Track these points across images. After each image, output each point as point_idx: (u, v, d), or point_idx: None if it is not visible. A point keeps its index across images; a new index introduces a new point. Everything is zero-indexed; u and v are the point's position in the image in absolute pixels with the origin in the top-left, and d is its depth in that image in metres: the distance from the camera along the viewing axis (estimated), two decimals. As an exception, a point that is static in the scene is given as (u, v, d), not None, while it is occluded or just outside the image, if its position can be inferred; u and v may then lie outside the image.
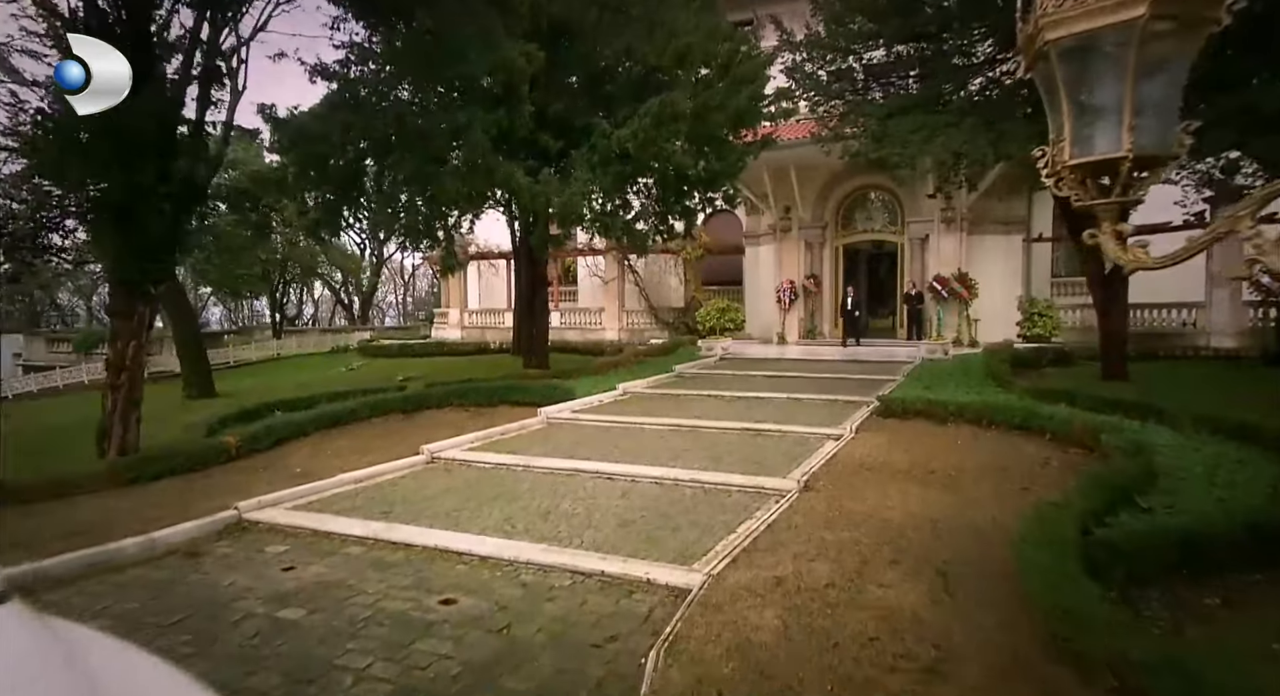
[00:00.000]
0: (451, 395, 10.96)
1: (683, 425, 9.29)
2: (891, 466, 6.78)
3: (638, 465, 7.34)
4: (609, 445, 8.40)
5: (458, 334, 26.56)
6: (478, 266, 27.34)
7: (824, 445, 8.01)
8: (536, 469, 7.44)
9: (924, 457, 7.06)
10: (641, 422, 9.54)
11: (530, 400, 10.85)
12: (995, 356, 12.60)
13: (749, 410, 10.23)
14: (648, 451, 8.00)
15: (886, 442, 7.73)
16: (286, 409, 10.26)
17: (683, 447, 8.16)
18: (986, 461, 6.87)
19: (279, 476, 7.06)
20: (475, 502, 6.24)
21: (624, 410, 10.53)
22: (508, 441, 8.80)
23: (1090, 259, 11.58)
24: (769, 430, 8.80)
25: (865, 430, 8.43)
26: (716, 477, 6.75)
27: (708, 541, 5.10)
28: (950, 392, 9.91)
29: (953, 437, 7.87)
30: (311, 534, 5.54)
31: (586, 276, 26.17)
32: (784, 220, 21.31)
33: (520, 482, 6.93)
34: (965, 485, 6.12)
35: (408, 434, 9.13)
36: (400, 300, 61.84)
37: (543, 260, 14.61)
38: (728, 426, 9.07)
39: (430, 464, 7.78)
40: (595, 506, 6.06)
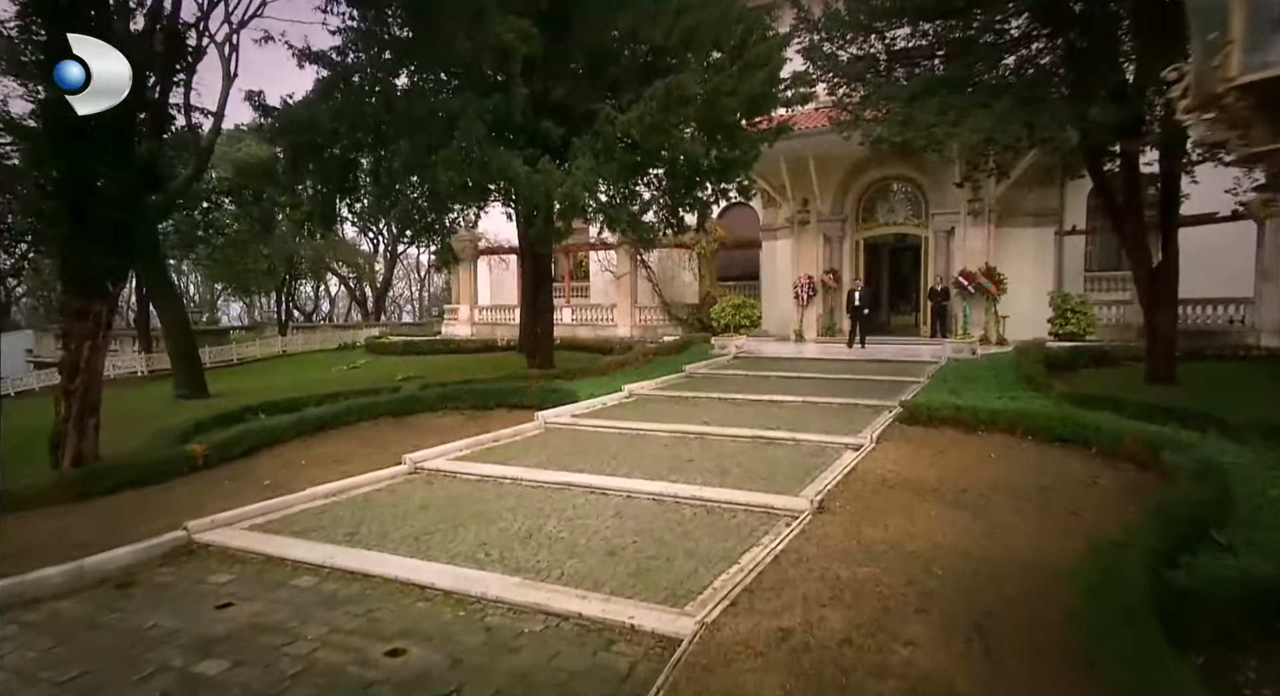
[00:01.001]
0: (446, 397, 10.38)
1: (689, 432, 8.61)
2: (917, 483, 6.06)
3: (636, 479, 6.69)
4: (607, 455, 7.75)
5: (468, 330, 26.06)
6: (488, 261, 26.82)
7: (842, 456, 7.29)
8: (525, 482, 6.81)
9: (953, 473, 6.33)
10: (645, 429, 8.88)
11: (528, 403, 10.25)
12: (1028, 356, 11.75)
13: (761, 415, 9.53)
14: (649, 462, 7.35)
15: (911, 455, 7.00)
16: (273, 411, 9.75)
17: (687, 458, 7.49)
18: (1025, 479, 6.12)
19: (245, 489, 6.50)
20: (451, 522, 5.63)
21: (627, 414, 9.88)
22: (499, 449, 8.18)
23: (1135, 251, 10.69)
24: (782, 438, 8.10)
25: (887, 439, 7.69)
26: (721, 495, 6.07)
27: (705, 575, 4.44)
28: (980, 397, 9.13)
29: (985, 449, 7.11)
30: (263, 560, 4.95)
31: (599, 272, 25.52)
32: (802, 213, 20.49)
33: (505, 498, 6.30)
34: (1002, 509, 5.38)
35: (394, 440, 8.55)
36: (417, 296, 61.75)
37: (546, 255, 13.97)
38: (737, 434, 8.38)
39: (411, 475, 7.19)
40: (583, 528, 5.42)
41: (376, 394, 10.98)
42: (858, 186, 20.28)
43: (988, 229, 18.35)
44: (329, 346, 23.80)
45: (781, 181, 20.31)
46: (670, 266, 24.57)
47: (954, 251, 18.87)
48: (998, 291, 17.83)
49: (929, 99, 9.61)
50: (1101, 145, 10.41)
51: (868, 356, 15.46)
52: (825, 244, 20.50)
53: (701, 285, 23.71)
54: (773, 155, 17.53)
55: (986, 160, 12.80)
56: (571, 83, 11.13)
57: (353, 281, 40.05)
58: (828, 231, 20.40)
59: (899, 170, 19.57)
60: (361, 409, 9.50)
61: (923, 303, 20.17)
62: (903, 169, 19.47)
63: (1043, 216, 18.86)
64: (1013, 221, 18.71)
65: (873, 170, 19.85)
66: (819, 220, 20.31)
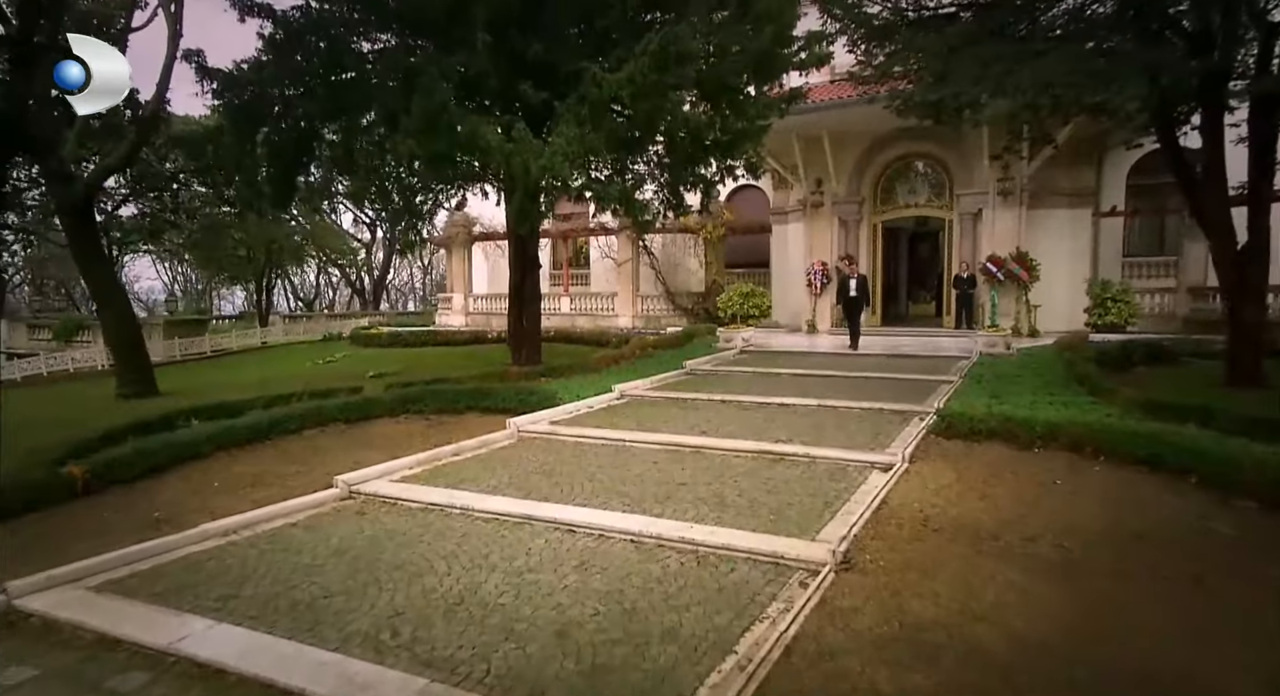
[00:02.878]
0: (408, 400, 9.09)
1: (683, 445, 7.29)
2: (969, 525, 4.70)
3: (612, 511, 5.38)
4: (584, 475, 6.44)
5: (462, 321, 24.83)
6: (483, 248, 25.50)
7: (868, 479, 5.95)
8: (477, 514, 5.52)
9: (1014, 509, 4.97)
10: (632, 440, 7.55)
11: (503, 406, 8.95)
12: (1074, 352, 10.32)
13: (770, 422, 8.18)
14: (632, 485, 6.03)
15: (955, 480, 5.63)
16: (211, 415, 8.49)
17: (679, 480, 6.16)
18: (1111, 521, 4.75)
19: (124, 525, 5.24)
20: (366, 577, 4.33)
21: (615, 421, 8.56)
22: (456, 467, 6.88)
23: (1218, 230, 9.17)
24: (794, 454, 6.76)
25: (924, 458, 6.33)
26: (717, 536, 4.75)
27: (687, 675, 3.13)
28: (1028, 403, 7.74)
29: (1047, 474, 5.74)
30: (93, 641, 3.68)
31: (599, 259, 24.16)
32: (815, 194, 19.03)
33: (446, 539, 5.00)
34: (1094, 570, 4.03)
35: (337, 453, 7.28)
36: (421, 284, 60.65)
37: (531, 238, 12.62)
38: (741, 447, 7.04)
39: (342, 503, 5.90)
40: (533, 589, 4.11)
41: (333, 395, 9.71)
42: (876, 165, 18.79)
43: (1019, 211, 16.84)
44: (313, 337, 22.61)
45: (793, 160, 18.86)
46: (674, 253, 23.19)
47: (980, 235, 17.38)
48: (1030, 278, 16.37)
49: (971, 49, 8.13)
50: (1175, 103, 8.94)
51: (889, 349, 14.04)
52: (840, 227, 19.06)
53: (708, 272, 22.30)
54: (784, 132, 16.10)
55: (1029, 128, 11.27)
56: (552, 37, 9.71)
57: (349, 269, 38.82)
58: (843, 214, 18.94)
59: (921, 147, 18.07)
60: (307, 415, 8.23)
61: (945, 291, 18.71)
62: (926, 146, 17.97)
63: (1078, 196, 17.36)
64: (1045, 202, 17.23)
65: (893, 147, 18.36)
66: (834, 202, 18.86)
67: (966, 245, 17.63)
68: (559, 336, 17.94)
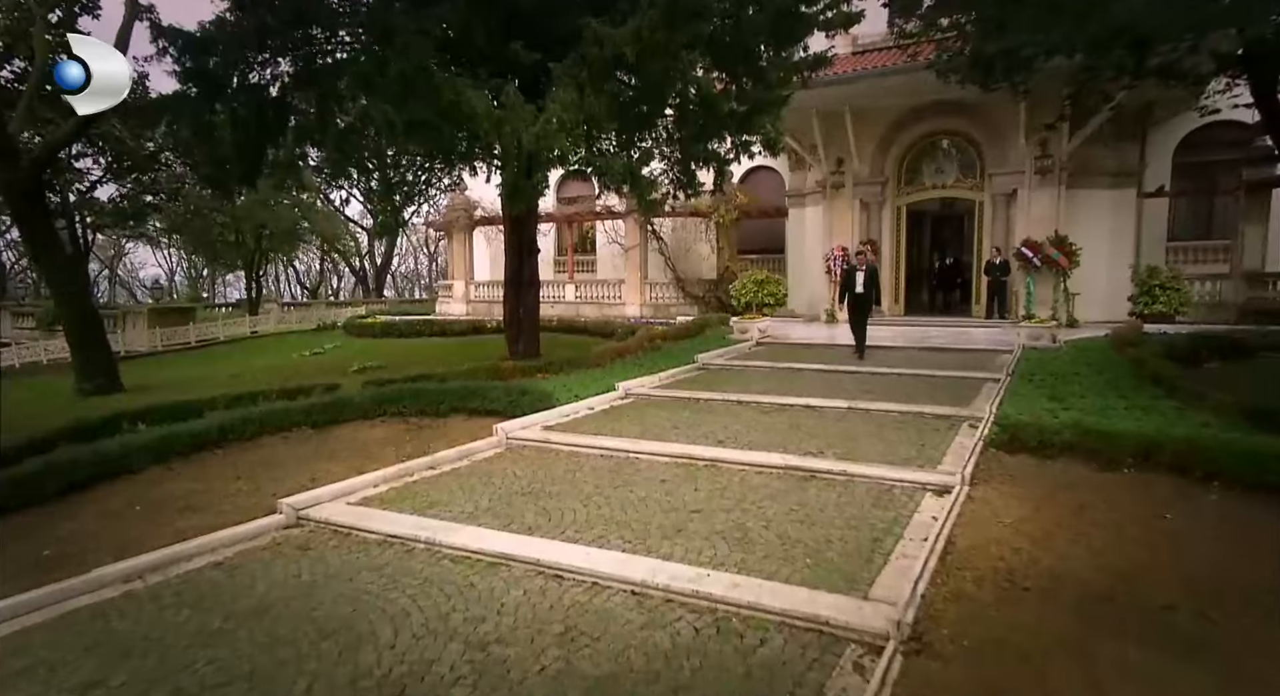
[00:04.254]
0: (386, 400, 8.08)
1: (697, 458, 6.23)
2: (1071, 582, 3.63)
3: (609, 550, 4.36)
4: (578, 496, 5.40)
5: (463, 309, 23.83)
6: (485, 233, 24.42)
7: (921, 506, 4.90)
8: (446, 550, 4.50)
9: (1124, 558, 3.88)
10: (637, 452, 6.51)
11: (492, 408, 7.93)
12: (1137, 347, 9.15)
13: (794, 429, 7.11)
14: (634, 513, 4.99)
15: (1033, 512, 4.55)
16: (166, 417, 7.52)
17: (691, 505, 5.12)
18: (1258, 575, 3.66)
19: (9, 565, 4.25)
20: (277, 658, 3.31)
21: (617, 426, 7.51)
22: (430, 485, 5.86)
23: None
24: (828, 471, 5.70)
25: (986, 478, 5.25)
26: (741, 590, 3.71)
27: None
28: (1099, 408, 6.63)
29: (1151, 504, 4.64)
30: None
31: (606, 244, 23.05)
32: (836, 175, 17.82)
33: (400, 589, 3.98)
34: (1262, 652, 2.95)
35: (294, 466, 6.28)
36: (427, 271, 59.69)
37: (530, 219, 11.53)
38: (764, 462, 5.98)
39: (285, 533, 4.90)
40: (497, 679, 3.08)
41: (305, 394, 8.74)
42: (901, 144, 17.54)
43: (1057, 190, 15.59)
44: (306, 326, 21.65)
45: (812, 140, 17.63)
46: (685, 238, 22.04)
47: (1014, 218, 16.16)
48: (1069, 264, 15.13)
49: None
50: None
51: (917, 341, 12.90)
52: (862, 210, 17.85)
53: (720, 258, 21.18)
54: (803, 108, 14.92)
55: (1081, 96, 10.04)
56: (549, -9, 8.59)
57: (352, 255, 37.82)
58: (865, 196, 17.74)
59: (950, 123, 16.83)
60: (267, 419, 7.24)
61: (975, 278, 17.49)
62: (955, 122, 16.74)
63: (1121, 175, 16.06)
64: (1085, 182, 15.93)
65: (919, 124, 17.12)
66: (855, 183, 17.64)
67: (999, 229, 16.42)
68: (562, 326, 16.91)
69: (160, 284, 37.18)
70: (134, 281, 54.96)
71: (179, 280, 45.46)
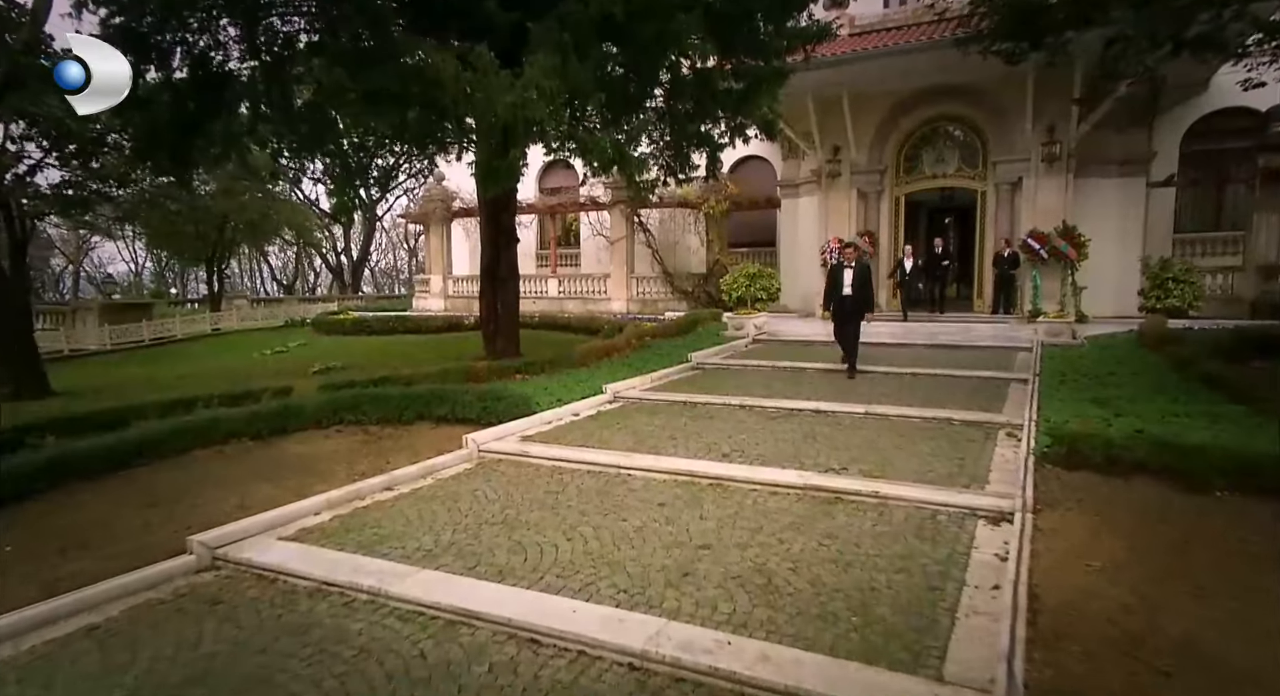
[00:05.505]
0: (344, 407, 7.10)
1: (700, 475, 5.34)
2: (1220, 662, 2.75)
3: (598, 603, 3.45)
4: (559, 527, 4.48)
5: (440, 304, 22.76)
6: (463, 225, 23.32)
7: (977, 540, 4.04)
8: (394, 604, 3.58)
9: (1266, 619, 3.02)
10: (630, 468, 5.60)
11: (463, 415, 6.98)
12: (1178, 344, 8.37)
13: (809, 439, 6.24)
14: (628, 550, 4.09)
15: (1127, 552, 3.68)
16: (87, 426, 6.50)
17: (698, 539, 4.22)
18: None
19: None
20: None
21: (606, 436, 6.59)
22: (383, 512, 4.90)
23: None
24: (856, 492, 4.82)
25: (1051, 503, 4.38)
26: (774, 669, 2.83)
27: None
28: (1158, 415, 5.81)
29: (1263, 537, 3.80)
30: None
31: (590, 237, 22.05)
32: (832, 163, 16.97)
33: (325, 664, 3.04)
34: None
35: (224, 488, 5.29)
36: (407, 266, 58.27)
37: (505, 205, 10.53)
38: (779, 481, 5.10)
39: (192, 581, 3.93)
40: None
41: (253, 398, 7.73)
42: (900, 131, 16.72)
43: (1064, 179, 14.84)
44: (273, 323, 20.46)
45: (807, 127, 16.78)
46: (673, 230, 21.10)
47: (1020, 208, 15.41)
48: (1078, 256, 14.40)
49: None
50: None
51: (925, 338, 12.10)
52: (859, 201, 17.02)
53: (709, 252, 20.27)
54: (798, 93, 14.03)
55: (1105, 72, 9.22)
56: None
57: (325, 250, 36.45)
58: (862, 186, 16.91)
59: (953, 108, 16.05)
60: (200, 430, 6.23)
61: (976, 272, 16.74)
62: (957, 107, 15.96)
63: (1131, 164, 15.35)
64: (1092, 171, 15.21)
65: (920, 109, 16.32)
66: (853, 172, 16.80)
67: (1004, 220, 15.66)
68: (545, 322, 15.95)
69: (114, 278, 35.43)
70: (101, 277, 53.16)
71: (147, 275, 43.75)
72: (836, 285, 9.47)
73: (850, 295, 9.30)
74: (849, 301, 9.29)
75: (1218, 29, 7.98)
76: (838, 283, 9.46)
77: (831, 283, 9.63)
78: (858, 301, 9.34)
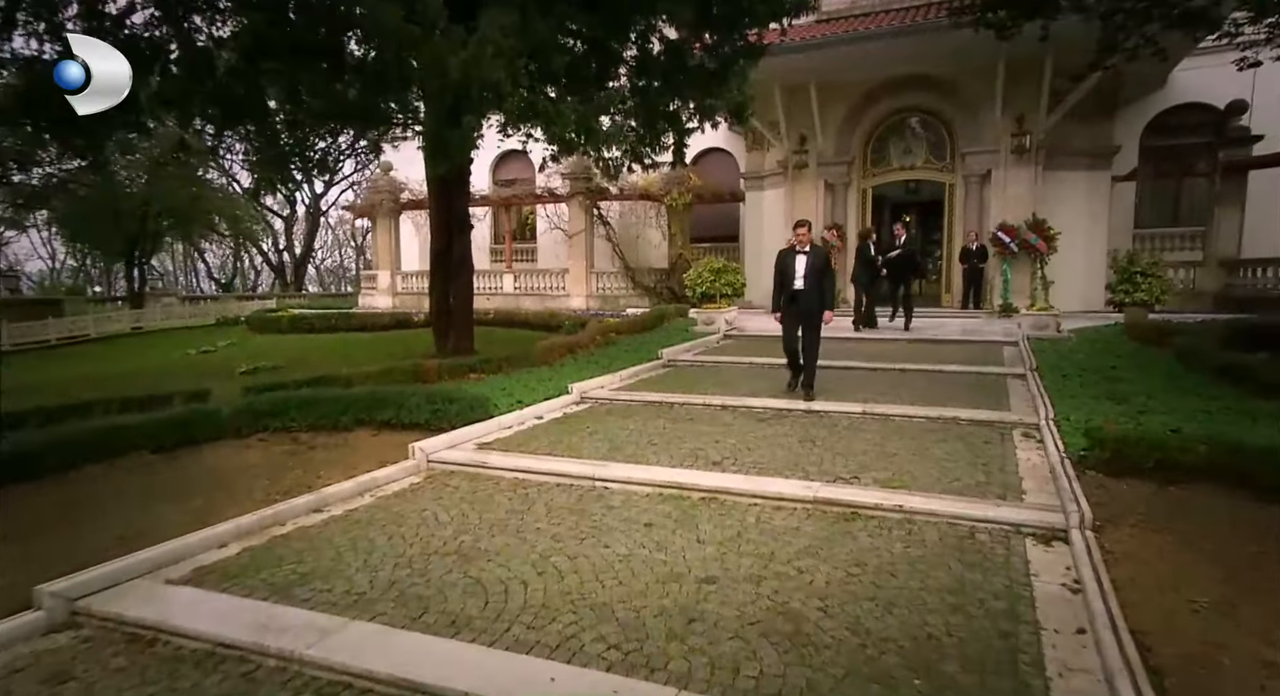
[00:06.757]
0: (268, 413, 6.10)
1: (690, 487, 4.57)
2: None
3: (582, 666, 2.64)
4: (529, 556, 3.66)
5: (388, 301, 21.54)
6: (413, 218, 22.12)
7: (1033, 566, 3.40)
8: (309, 673, 2.70)
9: None
10: (607, 479, 4.79)
11: (410, 420, 6.06)
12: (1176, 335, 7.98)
13: (807, 443, 5.53)
14: (613, 586, 3.29)
15: (1225, 583, 3.05)
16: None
17: (698, 568, 3.45)
18: None
19: None
20: None
21: (575, 442, 5.77)
22: (307, 542, 3.98)
23: None
24: (876, 507, 4.12)
25: (1109, 517, 3.74)
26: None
27: None
28: (1191, 411, 5.29)
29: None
30: None
31: (547, 230, 21.12)
32: (798, 154, 16.48)
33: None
34: None
35: (109, 513, 4.29)
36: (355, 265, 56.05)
37: (458, 186, 9.58)
38: (783, 494, 4.36)
39: (42, 646, 2.98)
40: None
41: (163, 403, 6.66)
42: (868, 121, 16.32)
43: (1034, 170, 14.63)
44: (204, 322, 18.91)
45: (774, 116, 16.22)
46: (634, 223, 20.35)
47: (989, 200, 15.16)
48: (1048, 249, 14.19)
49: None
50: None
51: (907, 334, 11.58)
52: (827, 193, 16.56)
53: (672, 246, 19.60)
54: (765, 81, 13.47)
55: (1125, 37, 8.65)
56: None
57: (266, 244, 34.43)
58: (830, 177, 16.47)
59: (920, 99, 15.73)
60: (86, 443, 5.17)
61: (945, 266, 16.44)
62: (924, 98, 15.65)
63: (1097, 156, 15.23)
64: (1060, 163, 15.05)
65: (887, 99, 15.97)
66: (820, 163, 16.33)
67: (972, 213, 15.38)
68: (500, 319, 14.99)
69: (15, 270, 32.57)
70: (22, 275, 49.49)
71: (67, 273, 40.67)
72: (785, 278, 7.08)
73: (803, 289, 6.94)
74: (803, 298, 6.97)
75: (1212, 3, 7.62)
76: (786, 274, 7.07)
77: (780, 275, 7.16)
78: (813, 298, 6.95)
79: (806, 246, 7.10)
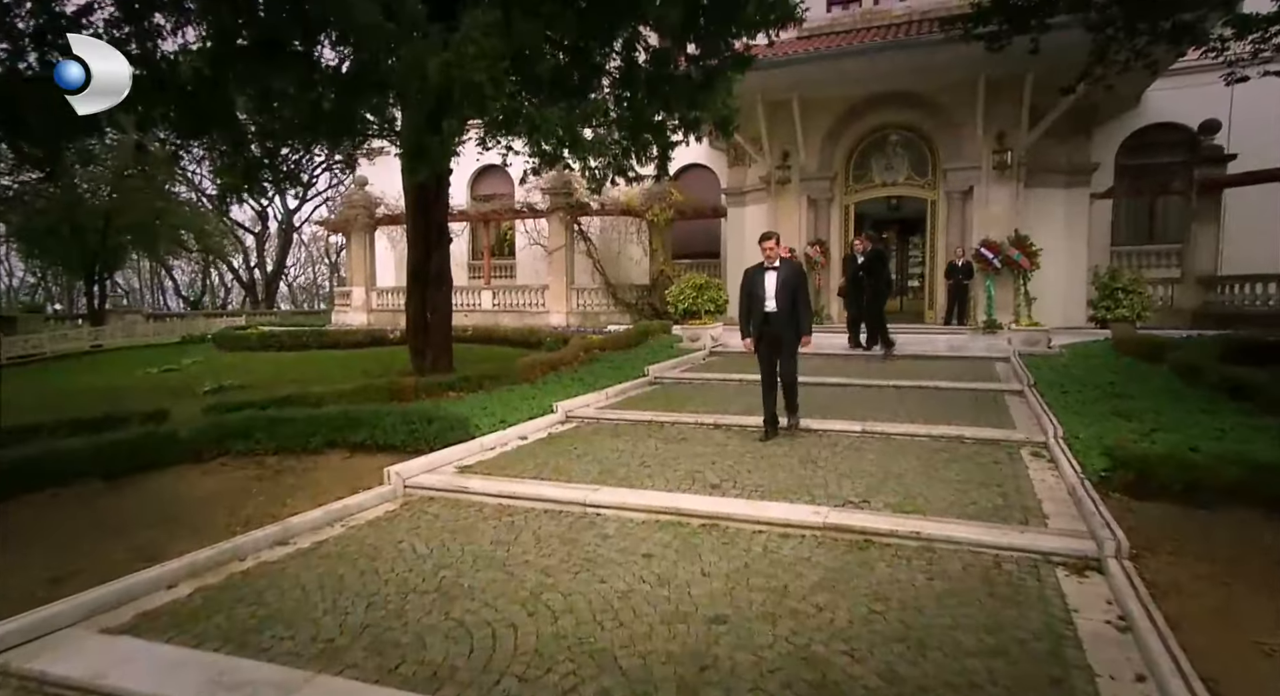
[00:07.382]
0: (232, 435, 5.67)
1: (689, 513, 4.24)
2: None
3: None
4: (517, 594, 3.30)
5: (363, 318, 20.99)
6: (388, 234, 21.66)
7: (1071, 600, 3.12)
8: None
9: None
10: (599, 504, 4.45)
11: (385, 442, 5.67)
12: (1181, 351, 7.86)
13: (809, 464, 5.24)
14: (611, 628, 2.95)
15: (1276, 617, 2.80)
16: None
17: (705, 606, 3.12)
18: None
19: None
20: None
21: (563, 463, 5.42)
22: (268, 581, 3.59)
23: None
24: (891, 533, 3.83)
25: (1144, 545, 3.49)
26: None
27: None
28: (1208, 430, 5.10)
29: None
30: None
31: (526, 246, 20.80)
32: (781, 169, 16.37)
33: None
34: None
35: (43, 554, 3.86)
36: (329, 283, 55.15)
37: (437, 196, 9.24)
38: (790, 520, 4.06)
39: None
40: None
41: (118, 425, 6.19)
42: (850, 136, 16.28)
43: (1015, 187, 14.66)
44: (168, 339, 18.20)
45: (756, 131, 16.12)
46: (615, 239, 20.11)
47: (971, 217, 15.13)
48: (1031, 265, 14.17)
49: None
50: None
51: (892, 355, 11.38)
52: (809, 208, 16.46)
53: (653, 262, 19.34)
54: (747, 96, 13.37)
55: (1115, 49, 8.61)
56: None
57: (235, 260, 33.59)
58: (813, 193, 16.37)
59: (903, 116, 15.70)
60: (29, 468, 4.71)
61: (926, 282, 16.39)
62: (907, 115, 15.62)
63: (1076, 174, 15.33)
64: (1040, 180, 15.13)
65: (870, 116, 15.91)
66: (802, 178, 16.24)
67: (954, 229, 15.35)
68: (479, 336, 14.58)
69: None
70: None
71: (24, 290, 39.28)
72: (754, 300, 6.15)
73: (774, 312, 6.04)
74: (774, 321, 6.06)
75: (1199, 19, 7.62)
76: (755, 295, 6.13)
77: (747, 297, 6.20)
78: (785, 323, 6.05)
79: (776, 261, 6.15)
